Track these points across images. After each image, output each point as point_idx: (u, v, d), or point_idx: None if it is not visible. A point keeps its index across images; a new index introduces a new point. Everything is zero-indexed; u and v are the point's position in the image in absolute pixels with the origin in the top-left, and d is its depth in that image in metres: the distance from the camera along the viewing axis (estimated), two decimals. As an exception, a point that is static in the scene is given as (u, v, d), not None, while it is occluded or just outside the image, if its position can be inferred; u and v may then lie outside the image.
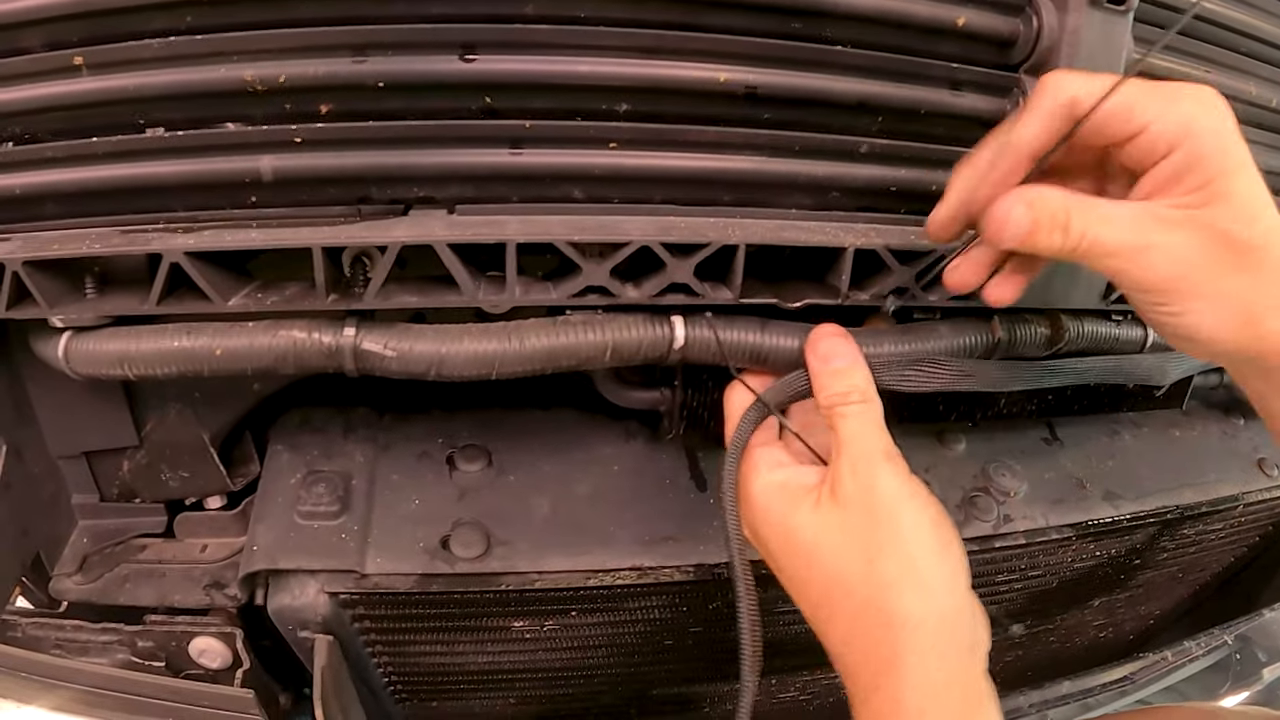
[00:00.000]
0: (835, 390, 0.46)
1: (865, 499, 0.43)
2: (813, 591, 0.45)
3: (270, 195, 0.49)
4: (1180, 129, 0.39)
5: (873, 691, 0.41)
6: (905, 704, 0.40)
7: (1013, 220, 0.41)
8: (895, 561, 0.42)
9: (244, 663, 0.60)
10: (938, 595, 0.42)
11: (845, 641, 0.43)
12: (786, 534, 0.46)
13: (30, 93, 0.48)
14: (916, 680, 0.40)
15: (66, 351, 0.51)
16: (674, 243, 0.47)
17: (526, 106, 0.48)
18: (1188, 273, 0.39)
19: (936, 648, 0.41)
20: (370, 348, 0.48)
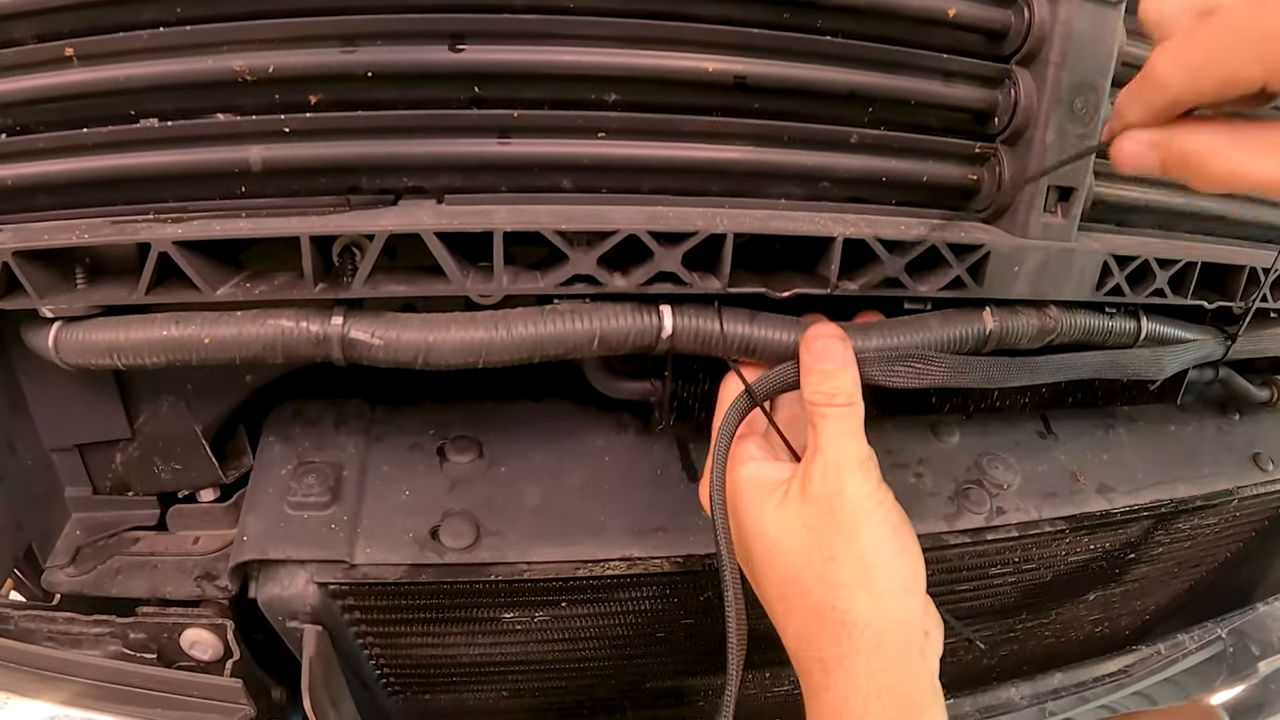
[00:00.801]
0: (821, 389, 0.46)
1: (830, 501, 0.44)
2: (772, 586, 0.46)
3: (259, 185, 0.49)
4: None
5: (823, 690, 0.42)
6: (851, 704, 0.41)
7: (1133, 157, 0.39)
8: (851, 565, 0.43)
9: (234, 654, 0.60)
10: (889, 601, 0.43)
11: (799, 638, 0.44)
12: (752, 526, 0.47)
13: (21, 84, 0.48)
14: (863, 681, 0.41)
15: (56, 341, 0.51)
16: (662, 231, 0.47)
17: (515, 96, 0.48)
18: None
19: (884, 650, 0.42)
20: (358, 336, 0.48)
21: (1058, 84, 0.51)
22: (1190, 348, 0.63)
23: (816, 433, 0.46)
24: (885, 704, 0.40)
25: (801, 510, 0.44)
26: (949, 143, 0.53)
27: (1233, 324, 0.68)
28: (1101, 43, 0.52)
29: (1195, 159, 0.38)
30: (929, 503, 0.60)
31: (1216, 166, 0.37)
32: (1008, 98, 0.53)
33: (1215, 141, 0.37)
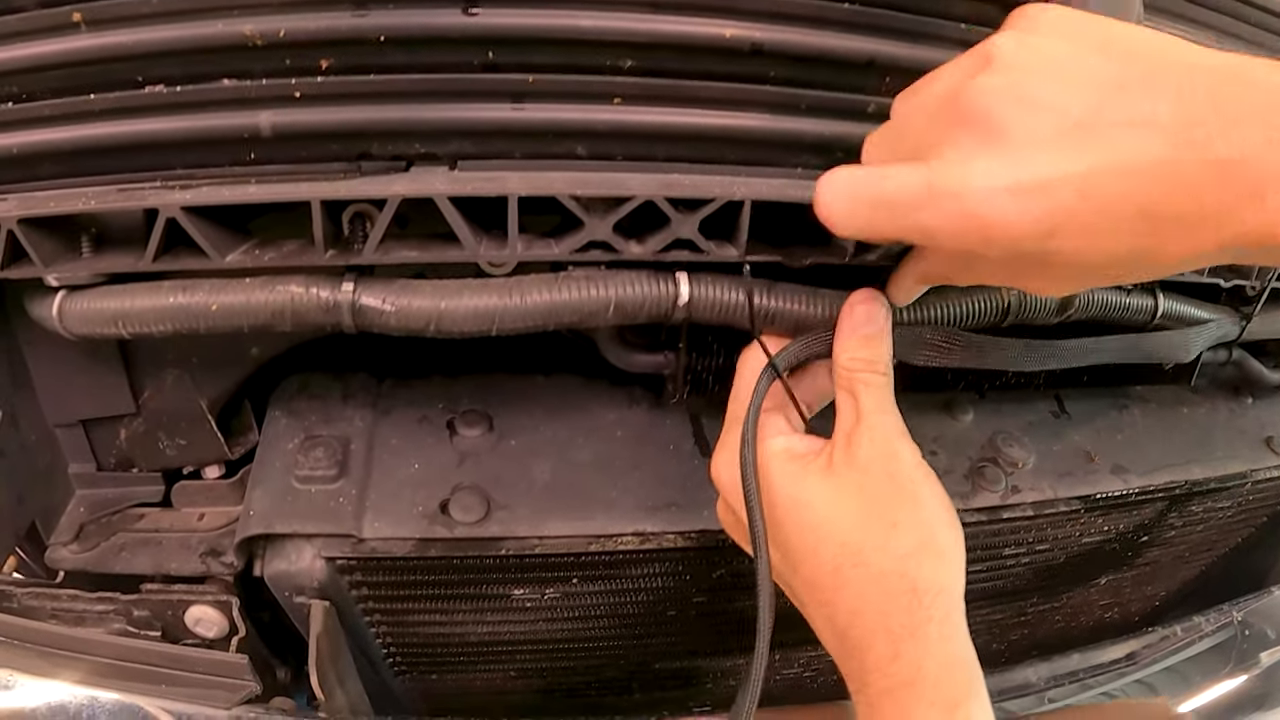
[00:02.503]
0: (860, 355, 0.45)
1: (886, 465, 0.42)
2: (818, 559, 0.43)
3: (269, 151, 0.49)
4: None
5: (890, 661, 0.40)
6: (925, 671, 0.39)
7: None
8: (916, 533, 0.42)
9: (240, 630, 0.59)
10: (953, 568, 0.42)
11: (854, 611, 0.42)
12: (790, 498, 0.44)
13: (28, 51, 0.48)
14: (935, 649, 0.40)
15: (61, 311, 0.50)
16: (679, 198, 0.47)
17: (529, 61, 0.47)
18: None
19: (952, 619, 0.41)
20: (369, 303, 0.48)
21: (1076, 55, 0.51)
22: (1208, 328, 0.63)
23: (858, 400, 0.44)
24: (957, 675, 0.40)
25: (854, 477, 0.43)
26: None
27: (1247, 304, 0.67)
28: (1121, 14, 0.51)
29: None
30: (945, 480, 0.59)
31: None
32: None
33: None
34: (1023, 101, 0.32)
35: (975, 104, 0.33)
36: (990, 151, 0.32)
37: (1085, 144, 0.31)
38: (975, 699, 0.40)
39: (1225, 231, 0.30)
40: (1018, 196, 0.31)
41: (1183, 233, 0.31)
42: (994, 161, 0.32)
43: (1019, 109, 0.32)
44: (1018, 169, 0.31)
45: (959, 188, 0.32)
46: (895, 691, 0.40)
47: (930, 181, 0.34)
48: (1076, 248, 0.32)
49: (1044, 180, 0.31)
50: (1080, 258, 0.32)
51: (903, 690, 0.40)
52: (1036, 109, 0.32)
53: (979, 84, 0.33)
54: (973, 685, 0.40)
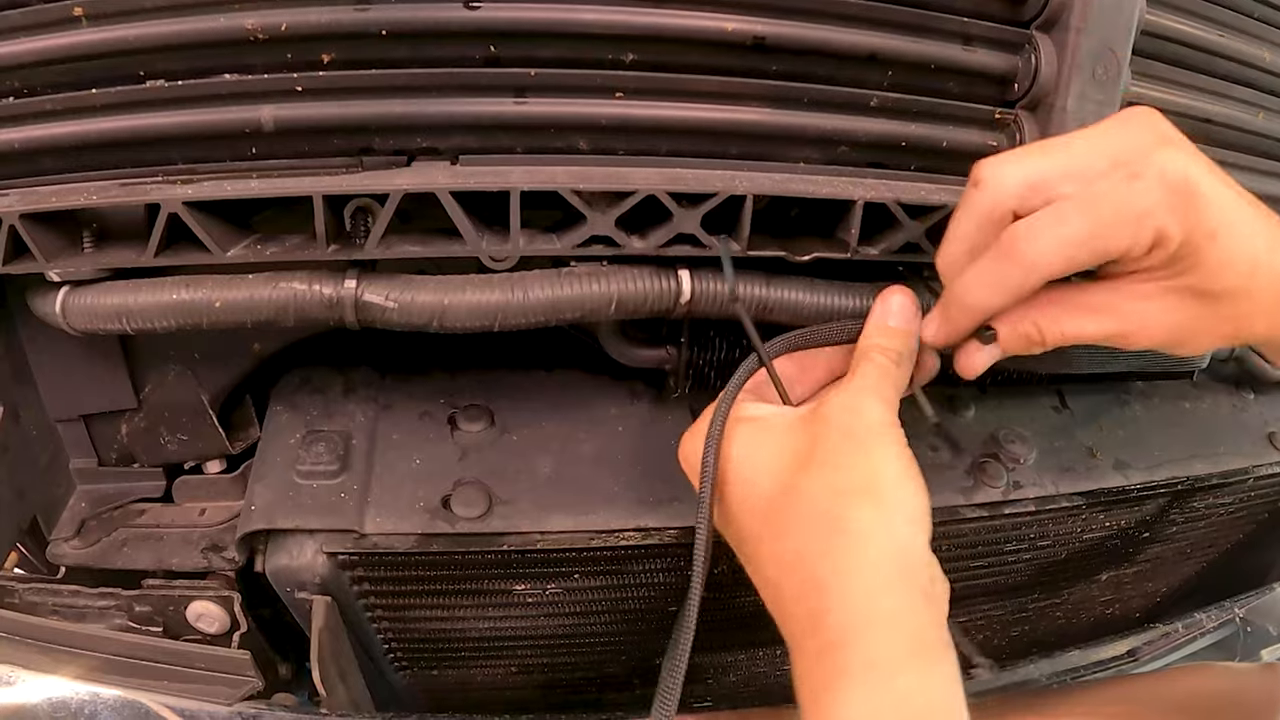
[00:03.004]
0: (878, 340, 0.45)
1: (845, 418, 0.41)
2: (751, 510, 0.42)
3: (271, 146, 0.49)
4: (1155, 237, 0.38)
5: (821, 616, 0.36)
6: (849, 632, 0.35)
7: (982, 363, 0.44)
8: (858, 474, 0.39)
9: (241, 626, 0.59)
10: (894, 520, 0.38)
11: (781, 562, 0.39)
12: (741, 456, 0.43)
13: (30, 45, 0.48)
14: (861, 604, 0.36)
15: (64, 306, 0.50)
16: (681, 192, 0.47)
17: (531, 55, 0.47)
18: (1173, 333, 0.41)
19: (883, 571, 0.37)
20: (371, 299, 0.48)
21: (1078, 50, 0.51)
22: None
23: (854, 371, 0.44)
24: (888, 636, 0.35)
25: (810, 429, 0.41)
26: (969, 108, 0.53)
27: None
28: (1123, 9, 0.51)
29: (1035, 333, 0.42)
30: (946, 475, 0.59)
31: (1053, 334, 0.42)
32: (1028, 63, 0.52)
33: (1046, 314, 0.42)
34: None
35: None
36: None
37: None
38: (919, 670, 0.35)
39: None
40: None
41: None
42: None
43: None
44: None
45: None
46: (824, 654, 0.36)
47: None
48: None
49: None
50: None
51: (831, 652, 0.36)
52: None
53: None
54: (920, 648, 0.35)
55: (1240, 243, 0.38)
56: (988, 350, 0.44)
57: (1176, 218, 0.38)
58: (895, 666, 0.35)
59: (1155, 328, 0.41)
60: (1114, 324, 0.41)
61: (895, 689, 0.35)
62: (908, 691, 0.35)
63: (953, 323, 0.43)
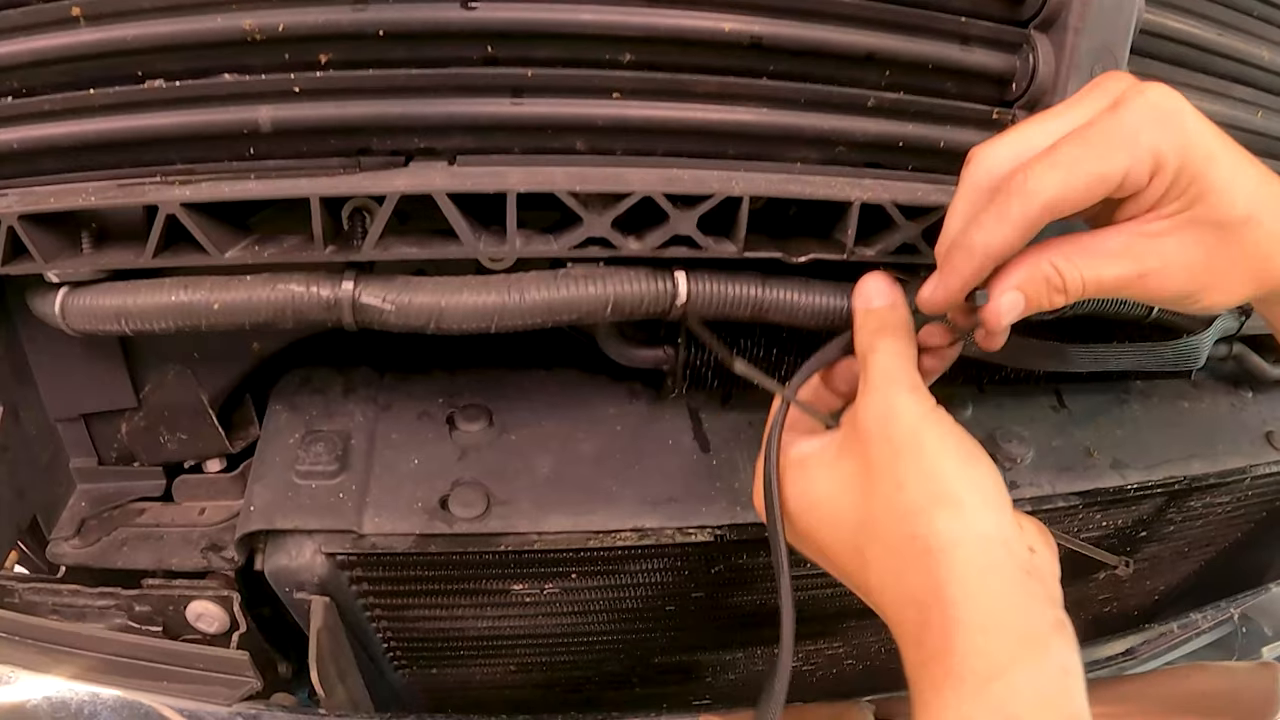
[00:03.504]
0: (869, 327, 0.45)
1: (884, 428, 0.40)
2: (843, 549, 0.42)
3: (269, 146, 0.48)
4: (1154, 161, 0.38)
5: (922, 631, 0.37)
6: (955, 641, 0.35)
7: (1006, 309, 0.41)
8: (921, 486, 0.39)
9: (241, 626, 0.59)
10: (973, 515, 0.38)
11: (881, 588, 0.39)
12: (807, 504, 0.43)
13: (28, 45, 0.48)
14: (963, 614, 0.35)
15: (63, 307, 0.50)
16: (677, 194, 0.47)
17: (528, 55, 0.47)
18: (1193, 274, 0.40)
19: (980, 572, 0.36)
20: (369, 301, 0.48)
21: (1076, 50, 0.50)
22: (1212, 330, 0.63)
23: (866, 370, 0.43)
24: (994, 638, 0.35)
25: (859, 450, 0.41)
26: (966, 108, 0.53)
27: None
28: (1121, 8, 0.51)
29: (1055, 276, 0.40)
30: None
31: (1073, 278, 0.40)
32: (1026, 63, 0.52)
33: (1063, 256, 0.40)
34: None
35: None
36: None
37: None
38: (1027, 664, 0.34)
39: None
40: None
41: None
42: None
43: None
44: None
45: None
46: (927, 666, 0.36)
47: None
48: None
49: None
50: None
51: (934, 664, 0.36)
52: None
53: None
54: (1023, 646, 0.35)
55: (1240, 165, 0.39)
56: (1009, 300, 0.41)
57: (1168, 137, 0.38)
58: (998, 668, 0.35)
59: (1174, 267, 0.40)
60: (1132, 265, 0.40)
61: (997, 692, 0.34)
62: (1013, 691, 0.34)
63: (954, 273, 0.41)
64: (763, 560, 0.57)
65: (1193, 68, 0.58)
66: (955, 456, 0.39)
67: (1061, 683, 0.35)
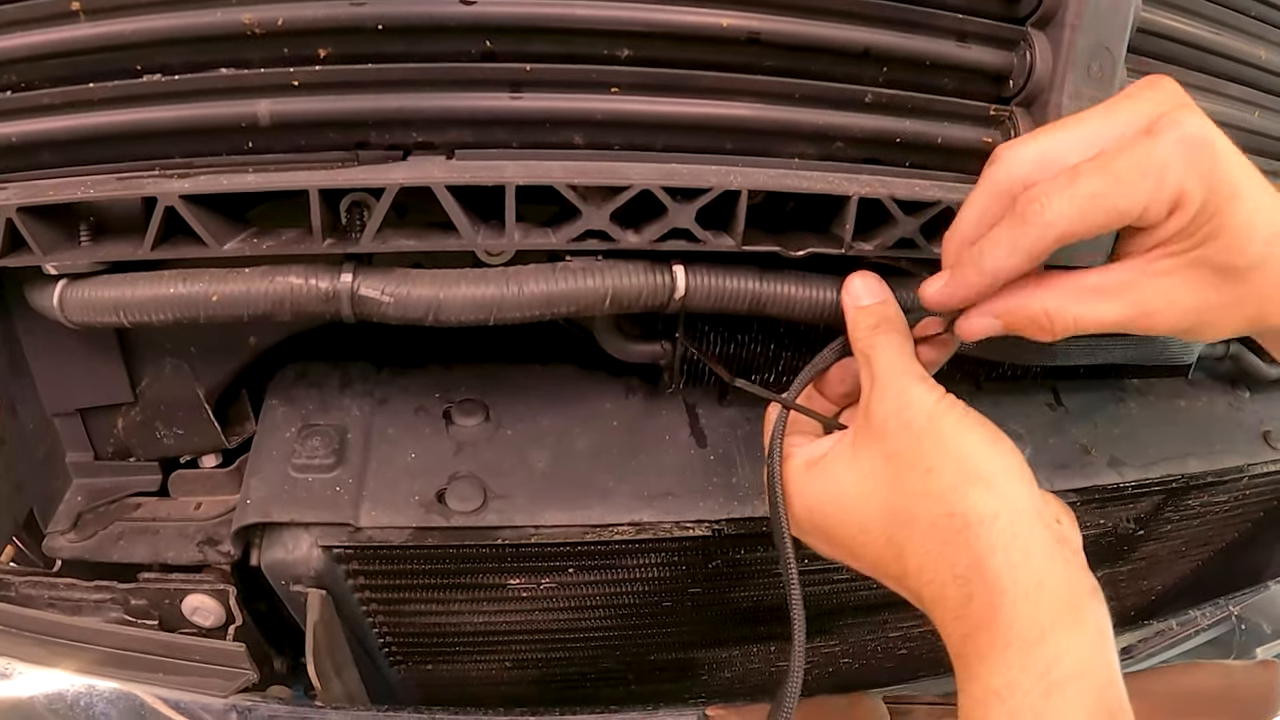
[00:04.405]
0: (866, 324, 0.45)
1: (901, 417, 0.41)
2: (873, 540, 0.42)
3: (267, 140, 0.49)
4: (1175, 199, 0.37)
5: (964, 604, 0.37)
6: (1001, 609, 0.36)
7: (979, 331, 0.42)
8: (951, 466, 0.39)
9: (237, 620, 0.59)
10: (1005, 488, 0.39)
11: (920, 570, 0.40)
12: (822, 503, 0.43)
13: (27, 39, 0.48)
14: (1006, 583, 0.36)
15: (61, 299, 0.50)
16: (676, 187, 0.47)
17: (527, 50, 0.47)
18: (1195, 315, 0.39)
19: (1018, 542, 0.37)
20: (367, 293, 0.48)
21: (1073, 47, 0.51)
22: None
23: (871, 365, 0.43)
24: (1037, 602, 0.36)
25: (876, 445, 0.41)
26: (963, 104, 0.53)
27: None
28: (1118, 6, 0.51)
29: (1043, 318, 0.41)
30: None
31: (1063, 321, 0.40)
32: (1023, 60, 0.52)
33: (1058, 298, 0.40)
34: None
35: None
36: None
37: None
38: (1068, 625, 0.36)
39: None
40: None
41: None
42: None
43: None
44: None
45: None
46: (972, 637, 0.37)
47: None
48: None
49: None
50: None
51: (979, 634, 0.37)
52: None
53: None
54: (1063, 610, 0.36)
55: (1263, 206, 0.37)
56: (984, 325, 0.42)
57: (1196, 174, 0.37)
58: (1042, 632, 0.36)
59: (1175, 308, 0.39)
60: (1132, 306, 0.40)
61: (1042, 655, 0.35)
62: (1057, 653, 0.35)
63: (962, 285, 0.42)
64: (760, 555, 0.57)
65: (1189, 66, 0.58)
66: (978, 437, 0.40)
67: (1099, 643, 0.36)
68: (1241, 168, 0.38)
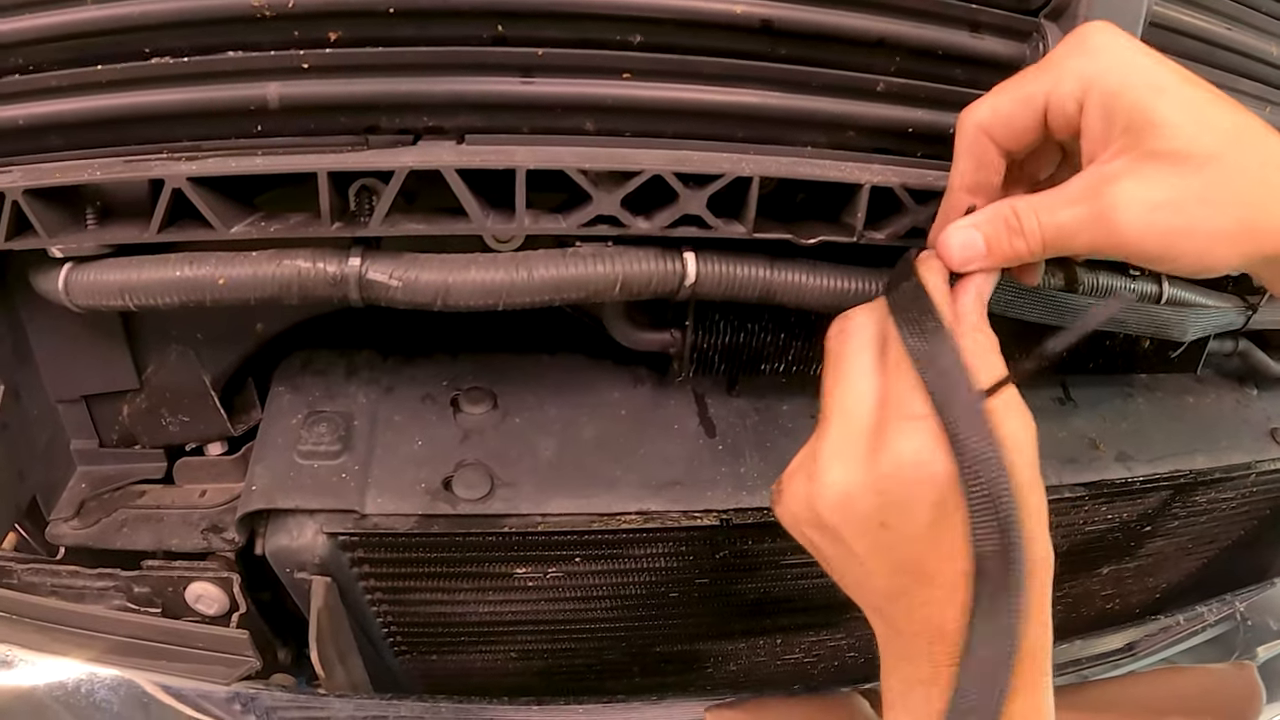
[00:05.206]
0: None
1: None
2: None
3: (276, 123, 0.48)
4: (1080, 86, 0.39)
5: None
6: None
7: (958, 246, 0.42)
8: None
9: (240, 608, 0.59)
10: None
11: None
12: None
13: (35, 21, 0.48)
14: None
15: (67, 283, 0.50)
16: (687, 173, 0.47)
17: (538, 35, 0.47)
18: (1154, 218, 0.38)
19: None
20: (375, 277, 0.47)
21: (1086, 39, 0.50)
22: (1213, 313, 0.63)
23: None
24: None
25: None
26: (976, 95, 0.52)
27: (1254, 294, 0.67)
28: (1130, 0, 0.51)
29: (1013, 218, 0.41)
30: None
31: (1030, 224, 0.41)
32: (1035, 52, 0.52)
33: (1026, 201, 0.41)
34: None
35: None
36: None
37: None
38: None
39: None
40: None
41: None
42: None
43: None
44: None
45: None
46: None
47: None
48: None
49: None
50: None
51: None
52: None
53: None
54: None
55: (1197, 100, 0.37)
56: (962, 237, 0.42)
57: (1093, 63, 0.39)
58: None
59: (1136, 209, 0.37)
60: (1089, 207, 0.39)
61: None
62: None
63: (941, 213, 0.46)
64: (767, 546, 0.57)
65: (1201, 62, 0.58)
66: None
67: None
68: (1167, 68, 0.38)
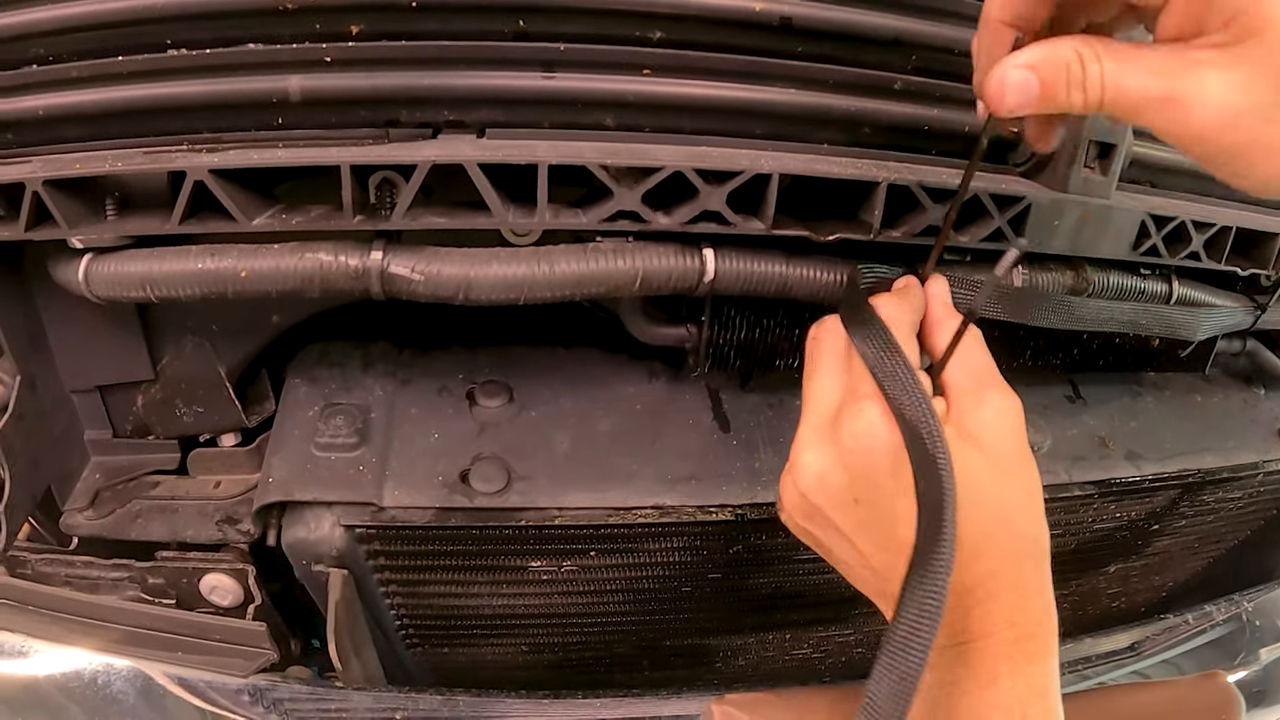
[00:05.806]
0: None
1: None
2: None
3: (297, 116, 0.49)
4: None
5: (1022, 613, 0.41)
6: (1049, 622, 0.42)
7: (1011, 85, 0.38)
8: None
9: (255, 599, 0.59)
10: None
11: (991, 574, 0.41)
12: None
13: (55, 12, 0.48)
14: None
15: (87, 274, 0.50)
16: (707, 169, 0.47)
17: (560, 30, 0.47)
18: (1235, 119, 0.35)
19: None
20: (397, 270, 0.48)
21: (1103, 37, 0.51)
22: (1222, 313, 0.63)
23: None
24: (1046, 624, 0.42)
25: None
26: (993, 94, 0.53)
27: (1262, 294, 0.67)
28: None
29: (1076, 63, 0.37)
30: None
31: (1094, 75, 0.36)
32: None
33: (1091, 45, 0.36)
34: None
35: None
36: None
37: None
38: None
39: None
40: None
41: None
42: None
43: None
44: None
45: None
46: (1021, 643, 0.39)
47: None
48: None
49: None
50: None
51: (1030, 641, 0.39)
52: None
53: None
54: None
55: None
56: (1016, 77, 0.38)
57: None
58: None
59: (1212, 104, 0.34)
60: (1163, 82, 0.35)
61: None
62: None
63: (980, 49, 0.42)
64: (780, 541, 0.57)
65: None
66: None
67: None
68: None
